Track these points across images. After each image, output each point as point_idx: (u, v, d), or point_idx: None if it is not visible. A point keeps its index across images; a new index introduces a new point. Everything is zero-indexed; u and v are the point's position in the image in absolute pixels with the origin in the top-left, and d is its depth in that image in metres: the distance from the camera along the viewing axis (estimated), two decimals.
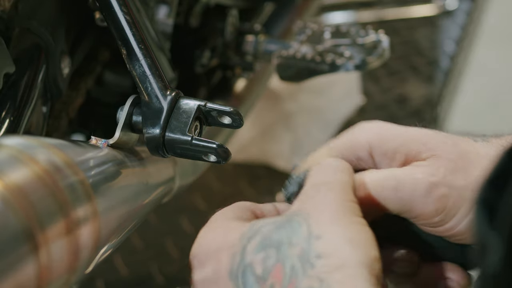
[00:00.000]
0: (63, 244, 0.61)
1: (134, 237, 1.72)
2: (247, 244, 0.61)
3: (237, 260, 0.61)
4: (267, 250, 0.60)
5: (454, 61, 2.41)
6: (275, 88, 1.97)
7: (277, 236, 0.60)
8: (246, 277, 0.60)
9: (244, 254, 0.61)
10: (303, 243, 0.59)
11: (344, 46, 1.27)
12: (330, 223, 0.59)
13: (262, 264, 0.60)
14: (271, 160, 2.01)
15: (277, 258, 0.59)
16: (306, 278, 0.57)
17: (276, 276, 0.59)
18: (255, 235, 0.61)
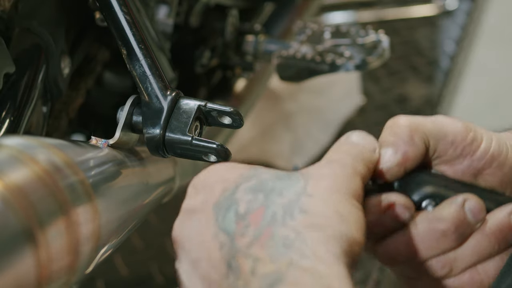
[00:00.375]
0: (63, 244, 0.61)
1: (134, 237, 1.72)
2: (242, 183, 0.61)
3: (226, 195, 0.61)
4: (257, 193, 0.60)
5: (454, 61, 2.41)
6: (275, 88, 1.97)
7: (272, 184, 0.60)
8: (228, 212, 0.60)
9: (235, 191, 0.61)
10: (293, 195, 0.59)
11: (344, 46, 1.27)
12: (328, 191, 0.59)
13: (246, 204, 0.60)
14: (271, 160, 2.01)
15: (263, 203, 0.59)
16: (284, 227, 0.57)
17: (255, 218, 0.59)
18: (252, 178, 0.61)
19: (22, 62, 0.89)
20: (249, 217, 0.59)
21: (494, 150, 0.67)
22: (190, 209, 0.63)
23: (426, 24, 2.59)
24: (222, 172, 0.64)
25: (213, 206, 0.61)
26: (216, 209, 0.61)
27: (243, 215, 0.59)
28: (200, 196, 0.63)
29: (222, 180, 0.62)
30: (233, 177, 0.62)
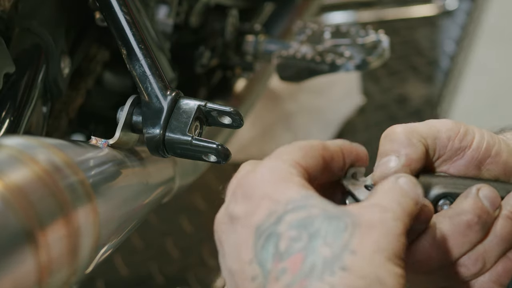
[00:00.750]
0: (63, 244, 0.61)
1: (134, 237, 1.72)
2: (290, 212, 0.59)
3: (271, 221, 0.59)
4: (301, 231, 0.58)
5: (454, 61, 2.41)
6: (275, 88, 1.97)
7: (319, 224, 0.58)
8: (268, 243, 0.58)
9: (280, 220, 0.59)
10: (337, 249, 0.57)
11: (344, 46, 1.27)
12: (373, 250, 0.57)
13: (288, 241, 0.58)
14: None
15: (305, 247, 0.57)
16: (321, 282, 0.55)
17: (293, 264, 0.57)
18: (301, 209, 0.59)
19: (22, 62, 0.89)
20: (288, 260, 0.57)
21: (488, 140, 0.69)
22: (233, 215, 0.61)
23: (426, 24, 2.59)
24: (272, 186, 0.61)
25: (256, 227, 0.59)
26: (257, 232, 0.59)
27: (281, 254, 0.58)
28: (244, 206, 0.61)
29: (270, 198, 0.60)
30: (282, 200, 0.60)
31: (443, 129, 0.69)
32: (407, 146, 0.67)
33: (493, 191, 0.67)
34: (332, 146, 0.66)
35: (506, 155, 0.69)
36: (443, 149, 0.69)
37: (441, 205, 0.68)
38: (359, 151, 0.68)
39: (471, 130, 0.70)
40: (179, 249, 1.70)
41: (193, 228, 1.75)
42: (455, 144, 0.69)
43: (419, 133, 0.68)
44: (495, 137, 0.70)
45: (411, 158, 0.67)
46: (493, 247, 0.66)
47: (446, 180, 0.69)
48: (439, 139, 0.69)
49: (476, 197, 0.66)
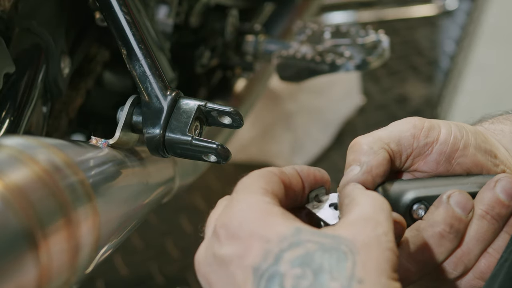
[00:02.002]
0: (63, 244, 0.61)
1: (134, 237, 1.72)
2: (287, 250, 0.59)
3: (269, 261, 0.58)
4: (305, 268, 0.58)
5: (454, 61, 2.41)
6: (275, 88, 1.97)
7: (320, 259, 0.58)
8: (272, 284, 0.58)
9: (279, 259, 0.58)
10: (344, 281, 0.57)
11: (344, 46, 1.27)
12: (376, 274, 0.57)
13: (294, 280, 0.57)
14: (271, 160, 2.01)
15: (312, 283, 0.57)
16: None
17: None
18: (298, 246, 0.59)
19: (22, 62, 0.89)
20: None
21: (455, 134, 0.69)
22: (221, 257, 0.60)
23: (426, 24, 2.59)
24: (257, 223, 0.60)
25: (253, 268, 0.59)
26: (256, 273, 0.59)
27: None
28: (233, 248, 0.60)
29: (259, 236, 0.59)
30: (274, 238, 0.59)
31: (405, 128, 0.70)
32: (367, 154, 0.68)
33: (464, 195, 0.67)
34: (288, 171, 0.67)
35: (473, 149, 0.69)
36: (410, 148, 0.69)
37: (416, 209, 0.68)
38: (317, 173, 0.69)
39: (436, 124, 0.70)
40: (179, 249, 1.70)
41: (193, 228, 1.75)
42: (421, 141, 0.69)
43: (381, 140, 0.69)
44: (462, 130, 0.70)
45: (371, 164, 0.67)
46: (471, 248, 0.67)
47: (419, 184, 0.69)
48: (403, 139, 0.69)
49: (447, 205, 0.66)
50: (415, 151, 0.70)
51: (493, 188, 0.67)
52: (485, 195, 0.67)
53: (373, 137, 0.69)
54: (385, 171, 0.68)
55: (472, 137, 0.70)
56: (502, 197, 0.67)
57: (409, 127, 0.70)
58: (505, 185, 0.67)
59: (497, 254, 0.67)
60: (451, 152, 0.69)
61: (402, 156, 0.70)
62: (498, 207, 0.67)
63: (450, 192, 0.67)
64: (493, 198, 0.67)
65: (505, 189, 0.67)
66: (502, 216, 0.67)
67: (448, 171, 0.70)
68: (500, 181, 0.67)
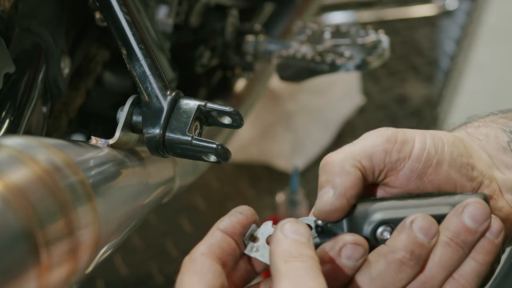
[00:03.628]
0: (63, 244, 0.61)
1: (134, 237, 1.72)
2: None
3: None
4: None
5: (454, 61, 2.41)
6: (275, 88, 1.97)
7: None
8: None
9: None
10: None
11: (344, 46, 1.27)
12: None
13: None
14: (271, 160, 2.01)
15: None
16: None
17: None
18: None
19: (22, 62, 0.89)
20: None
21: (429, 148, 0.68)
22: None
23: (426, 24, 2.59)
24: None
25: None
26: None
27: None
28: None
29: None
30: None
31: (378, 143, 0.68)
32: (341, 175, 0.66)
33: (427, 220, 0.65)
34: (216, 240, 0.65)
35: (447, 166, 0.68)
36: (382, 163, 0.68)
37: (381, 232, 0.66)
38: (241, 218, 0.66)
39: (410, 138, 0.68)
40: (179, 249, 1.70)
41: (193, 228, 1.75)
42: (393, 156, 0.68)
43: (352, 157, 0.67)
44: (438, 144, 0.68)
45: (345, 186, 0.66)
46: (434, 275, 0.65)
47: (385, 205, 0.67)
48: (375, 154, 0.68)
49: (410, 230, 0.64)
50: (388, 166, 0.68)
51: (460, 214, 0.65)
52: (452, 220, 0.65)
53: (344, 155, 0.67)
54: (359, 190, 0.67)
55: (448, 152, 0.68)
56: (469, 224, 0.65)
57: (382, 141, 0.68)
58: (473, 211, 0.65)
59: (462, 280, 0.65)
60: (423, 169, 0.68)
61: (375, 171, 0.68)
62: (465, 234, 0.65)
63: (414, 216, 0.65)
64: (460, 225, 0.65)
65: (472, 215, 0.65)
66: (468, 243, 0.65)
67: (419, 188, 0.68)
68: (468, 206, 0.65)
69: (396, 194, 0.70)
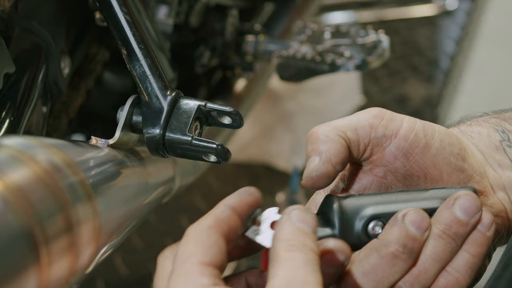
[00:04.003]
0: (63, 244, 0.61)
1: (134, 237, 1.72)
2: None
3: None
4: None
5: (454, 61, 2.41)
6: (275, 88, 1.97)
7: None
8: None
9: None
10: None
11: (344, 46, 1.27)
12: None
13: None
14: (271, 160, 2.01)
15: None
16: None
17: None
18: None
19: (22, 62, 0.89)
20: None
21: (418, 130, 0.69)
22: None
23: (426, 24, 2.59)
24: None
25: None
26: None
27: None
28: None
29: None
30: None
31: (364, 118, 0.69)
32: (325, 142, 0.68)
33: (420, 214, 0.65)
34: (224, 215, 0.64)
35: (435, 150, 0.68)
36: (367, 137, 0.69)
37: (373, 227, 0.66)
38: (249, 199, 0.66)
39: (398, 118, 0.69)
40: None
41: None
42: (379, 132, 0.69)
43: (336, 128, 0.69)
44: (428, 130, 0.69)
45: (330, 153, 0.67)
46: (427, 268, 0.65)
47: (376, 199, 0.67)
48: (360, 128, 0.69)
49: (402, 224, 0.65)
50: (373, 141, 0.69)
51: (451, 206, 0.66)
52: (443, 213, 0.66)
53: (329, 125, 0.69)
54: (344, 158, 0.68)
55: (437, 138, 0.69)
56: (461, 216, 0.65)
57: (368, 117, 0.69)
58: (464, 203, 0.65)
59: (456, 272, 0.66)
60: (409, 148, 0.68)
61: (360, 145, 0.69)
62: (456, 226, 0.65)
63: (406, 210, 0.65)
64: (451, 217, 0.65)
65: (463, 208, 0.65)
66: (460, 235, 0.65)
67: (405, 167, 0.69)
68: (459, 199, 0.66)
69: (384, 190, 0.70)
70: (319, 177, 0.68)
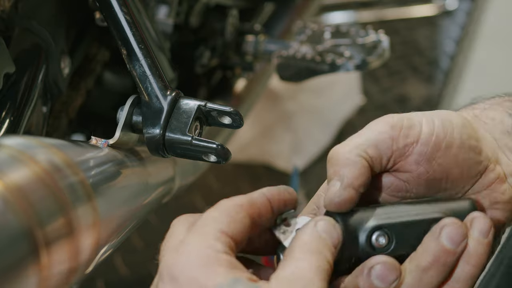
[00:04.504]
0: (63, 244, 0.61)
1: (134, 237, 1.72)
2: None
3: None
4: None
5: (454, 61, 2.42)
6: (275, 88, 1.97)
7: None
8: None
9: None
10: None
11: (344, 46, 1.27)
12: None
13: None
14: (271, 160, 2.01)
15: None
16: None
17: None
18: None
19: (22, 62, 0.89)
20: None
21: (438, 132, 0.67)
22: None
23: (426, 24, 2.59)
24: (199, 271, 0.60)
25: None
26: None
27: None
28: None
29: (198, 284, 0.60)
30: (210, 285, 0.59)
31: (383, 130, 0.67)
32: (346, 165, 0.66)
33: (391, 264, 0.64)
34: (259, 200, 0.65)
35: (456, 148, 0.67)
36: (389, 150, 0.68)
37: (376, 238, 0.66)
38: (287, 196, 0.66)
39: (417, 122, 0.68)
40: None
41: None
42: (400, 142, 0.67)
43: (357, 148, 0.67)
44: (447, 126, 0.68)
45: (351, 176, 0.66)
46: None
47: (378, 211, 0.67)
48: (381, 143, 0.67)
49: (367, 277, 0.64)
50: (395, 153, 0.68)
51: (437, 237, 0.65)
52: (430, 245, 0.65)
53: (348, 145, 0.67)
54: (366, 179, 0.67)
55: (457, 134, 0.68)
56: (448, 245, 0.65)
57: (387, 129, 0.68)
58: (450, 232, 0.65)
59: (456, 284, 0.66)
60: (432, 153, 0.67)
61: (382, 160, 0.68)
62: (444, 256, 0.65)
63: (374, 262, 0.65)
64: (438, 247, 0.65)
65: (450, 236, 0.65)
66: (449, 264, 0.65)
67: (428, 172, 0.68)
68: (445, 228, 0.65)
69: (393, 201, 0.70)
70: (342, 203, 0.66)
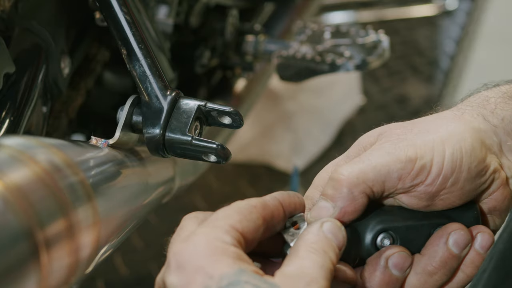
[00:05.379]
0: (63, 244, 0.61)
1: (134, 237, 1.72)
2: None
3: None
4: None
5: (454, 61, 2.41)
6: (275, 88, 1.97)
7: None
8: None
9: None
10: None
11: (344, 46, 1.27)
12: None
13: None
14: (271, 160, 2.01)
15: None
16: None
17: None
18: (235, 286, 0.59)
19: (22, 62, 0.89)
20: None
21: (446, 170, 0.66)
22: (168, 283, 0.62)
23: (426, 24, 2.59)
24: (206, 259, 0.61)
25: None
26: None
27: None
28: (179, 277, 0.61)
29: (204, 272, 0.60)
30: (216, 275, 0.60)
31: (394, 171, 0.66)
32: (346, 200, 0.66)
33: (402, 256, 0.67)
34: (271, 203, 0.65)
35: (462, 182, 0.67)
36: (394, 188, 0.67)
37: (381, 240, 0.67)
38: (296, 200, 0.67)
39: (428, 162, 0.66)
40: None
41: None
42: (407, 183, 0.67)
43: (364, 183, 0.66)
44: (456, 162, 0.66)
45: (345, 211, 0.66)
46: None
47: (387, 214, 0.68)
48: (388, 181, 0.67)
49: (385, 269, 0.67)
50: (399, 190, 0.68)
51: (445, 242, 0.67)
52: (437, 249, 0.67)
53: (357, 177, 0.66)
54: (360, 213, 0.67)
55: (465, 166, 0.67)
56: (455, 251, 0.67)
57: (398, 167, 0.66)
58: (458, 238, 0.67)
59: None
60: (436, 192, 0.67)
61: (384, 193, 0.68)
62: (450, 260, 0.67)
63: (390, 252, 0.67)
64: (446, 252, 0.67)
65: (457, 242, 0.67)
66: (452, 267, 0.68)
67: (429, 206, 0.68)
68: (453, 234, 0.67)
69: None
70: None
